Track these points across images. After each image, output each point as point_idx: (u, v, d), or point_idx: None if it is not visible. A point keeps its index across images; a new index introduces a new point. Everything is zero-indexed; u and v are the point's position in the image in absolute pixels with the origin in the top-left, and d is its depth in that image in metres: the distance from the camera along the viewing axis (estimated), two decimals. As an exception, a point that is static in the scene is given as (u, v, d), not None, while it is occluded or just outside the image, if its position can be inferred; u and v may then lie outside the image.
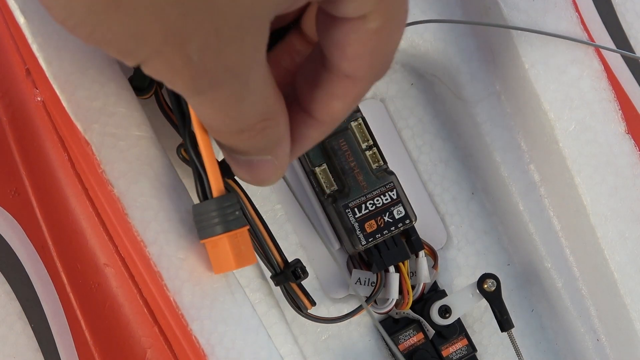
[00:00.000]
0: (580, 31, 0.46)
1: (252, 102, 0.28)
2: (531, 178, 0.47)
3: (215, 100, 0.28)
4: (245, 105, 0.28)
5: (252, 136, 0.30)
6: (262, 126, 0.29)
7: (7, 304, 0.44)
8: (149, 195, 0.40)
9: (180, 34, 0.25)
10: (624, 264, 0.45)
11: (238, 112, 0.28)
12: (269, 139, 0.30)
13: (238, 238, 0.38)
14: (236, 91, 0.27)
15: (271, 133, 0.30)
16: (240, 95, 0.27)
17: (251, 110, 0.28)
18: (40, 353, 0.44)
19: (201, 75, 0.26)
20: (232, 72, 0.26)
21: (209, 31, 0.25)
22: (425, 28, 0.47)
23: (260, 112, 0.29)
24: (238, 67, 0.26)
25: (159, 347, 0.40)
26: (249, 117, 0.29)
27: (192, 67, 0.26)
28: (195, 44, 0.25)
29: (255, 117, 0.29)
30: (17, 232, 0.43)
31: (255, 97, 0.28)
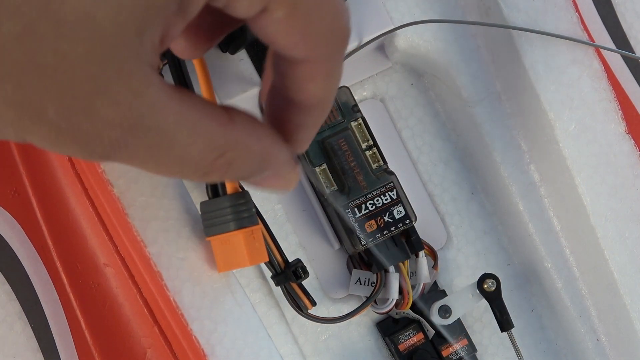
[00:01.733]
0: (580, 31, 0.46)
1: (184, 146, 0.26)
2: (531, 178, 0.47)
3: (134, 158, 0.25)
4: (175, 154, 0.26)
5: (223, 172, 0.27)
6: (224, 162, 0.27)
7: (7, 304, 0.44)
8: (149, 195, 0.40)
9: (30, 106, 0.23)
10: (624, 264, 0.45)
11: (175, 162, 0.26)
12: (247, 167, 0.28)
13: (253, 235, 0.38)
14: (149, 142, 0.25)
15: (242, 163, 0.28)
16: (158, 143, 0.25)
17: (190, 154, 0.26)
18: (40, 353, 0.44)
19: (84, 139, 0.24)
20: (121, 126, 0.24)
21: (57, 93, 0.23)
22: (425, 28, 0.47)
23: (205, 151, 0.26)
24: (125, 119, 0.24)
25: (159, 347, 0.40)
26: (196, 162, 0.26)
27: (65, 134, 0.24)
28: (52, 110, 0.23)
29: (205, 158, 0.26)
30: (17, 232, 0.43)
31: (183, 140, 0.26)
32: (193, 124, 0.26)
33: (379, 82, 0.50)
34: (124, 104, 0.24)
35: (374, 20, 0.46)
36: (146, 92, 0.24)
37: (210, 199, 0.39)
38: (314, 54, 0.28)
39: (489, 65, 0.48)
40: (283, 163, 0.30)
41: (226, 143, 0.27)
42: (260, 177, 0.29)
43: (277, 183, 0.30)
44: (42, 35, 0.22)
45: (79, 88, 0.23)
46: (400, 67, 0.50)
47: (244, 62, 0.45)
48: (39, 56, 0.23)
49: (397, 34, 0.47)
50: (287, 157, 0.30)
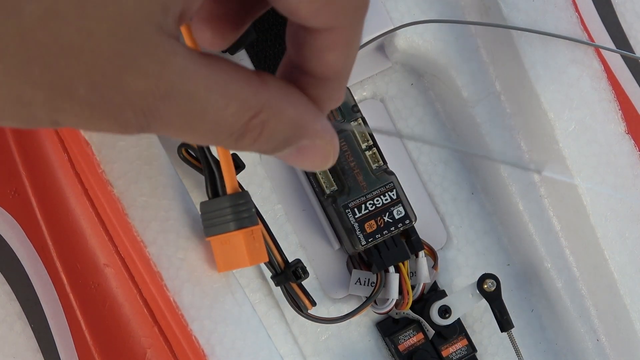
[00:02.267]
0: (580, 31, 0.46)
1: (217, 110, 0.26)
2: (531, 178, 0.47)
3: (170, 126, 0.26)
4: (209, 118, 0.26)
5: (257, 134, 0.27)
6: (258, 122, 0.27)
7: (7, 304, 0.44)
8: (148, 195, 0.40)
9: (60, 85, 0.24)
10: (624, 264, 0.45)
11: (209, 127, 0.26)
12: (281, 131, 0.28)
13: (253, 235, 0.38)
14: (182, 109, 0.25)
15: (276, 125, 0.28)
16: (191, 109, 0.26)
17: (224, 117, 0.26)
18: (40, 353, 0.44)
19: (118, 112, 0.24)
20: (153, 95, 0.25)
21: (86, 71, 0.24)
22: (425, 28, 0.47)
23: (238, 112, 0.27)
24: (156, 88, 0.25)
25: (159, 347, 0.40)
26: (230, 124, 0.27)
27: (98, 109, 0.24)
28: (82, 88, 0.24)
29: (239, 119, 0.27)
30: (17, 232, 0.43)
31: (215, 102, 0.26)
32: (224, 87, 0.26)
33: (379, 82, 0.50)
34: (153, 75, 0.24)
35: (373, 20, 0.46)
36: (174, 61, 0.25)
37: (210, 199, 0.39)
38: (335, 22, 0.27)
39: (489, 65, 0.48)
40: (320, 131, 0.29)
41: (259, 104, 0.27)
42: (296, 147, 0.29)
43: (315, 155, 0.29)
44: (65, 15, 0.23)
45: (106, 64, 0.24)
46: (400, 67, 0.50)
47: (244, 62, 0.45)
48: (64, 36, 0.23)
49: (397, 34, 0.47)
50: (324, 125, 0.29)
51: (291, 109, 0.28)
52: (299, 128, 0.28)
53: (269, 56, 0.45)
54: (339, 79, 0.30)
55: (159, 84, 0.25)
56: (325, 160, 0.30)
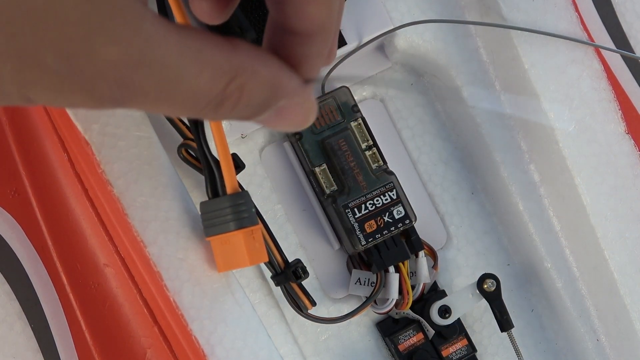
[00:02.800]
0: (580, 31, 0.46)
1: (192, 77, 0.25)
2: (531, 178, 0.47)
3: (145, 98, 0.25)
4: (185, 87, 0.25)
5: (236, 100, 0.26)
6: (235, 87, 0.26)
7: (7, 304, 0.44)
8: (148, 195, 0.40)
9: (27, 55, 0.23)
10: (624, 264, 0.45)
11: (187, 95, 0.25)
12: (259, 93, 0.27)
13: (253, 235, 0.38)
14: (156, 78, 0.25)
15: (253, 87, 0.27)
16: (165, 78, 0.25)
17: (199, 84, 0.25)
18: (40, 353, 0.44)
19: (90, 84, 0.24)
20: (125, 64, 0.24)
21: (53, 37, 0.23)
22: (425, 28, 0.47)
23: (214, 78, 0.26)
24: (128, 56, 0.24)
25: (159, 347, 0.40)
26: (207, 91, 0.26)
27: (69, 80, 0.23)
28: (50, 56, 0.23)
29: (215, 85, 0.26)
30: (17, 232, 0.43)
31: (188, 69, 0.25)
32: (197, 53, 0.25)
33: (379, 82, 0.50)
34: (123, 41, 0.23)
35: (373, 20, 0.46)
36: (143, 26, 0.24)
37: (210, 199, 0.39)
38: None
39: (489, 65, 0.48)
40: (296, 88, 0.28)
41: (233, 68, 0.26)
42: (275, 109, 0.28)
43: (294, 114, 0.29)
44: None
45: (74, 29, 0.23)
46: (400, 67, 0.50)
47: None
48: (28, 0, 0.22)
49: (397, 34, 0.47)
50: (298, 82, 0.29)
51: (265, 71, 0.27)
52: (275, 88, 0.28)
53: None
54: (325, 32, 0.29)
55: (131, 52, 0.24)
56: (305, 118, 0.29)
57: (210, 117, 0.27)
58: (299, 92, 0.29)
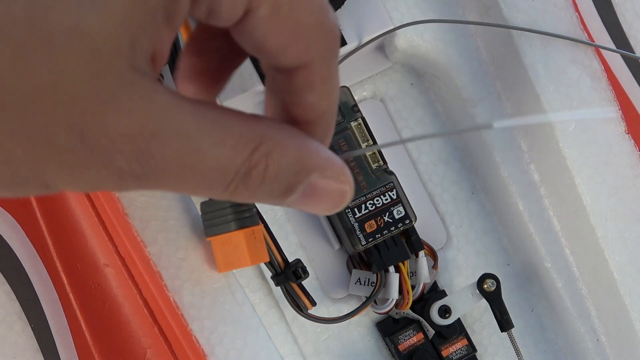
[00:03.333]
0: (580, 31, 0.46)
1: (214, 146, 0.24)
2: (531, 178, 0.47)
3: (168, 173, 0.24)
4: (208, 157, 0.24)
5: (264, 174, 0.25)
6: (261, 155, 0.25)
7: (7, 304, 0.44)
8: (148, 195, 0.40)
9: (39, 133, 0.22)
10: (624, 264, 0.45)
11: (211, 167, 0.24)
12: (288, 162, 0.26)
13: (254, 235, 0.38)
14: (176, 149, 0.23)
15: (281, 156, 0.25)
16: (186, 148, 0.24)
17: (223, 153, 0.24)
18: (40, 353, 0.44)
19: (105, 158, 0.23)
20: (142, 135, 0.23)
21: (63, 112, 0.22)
22: (425, 28, 0.47)
23: (237, 145, 0.24)
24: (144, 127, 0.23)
25: (159, 347, 0.40)
26: (232, 160, 0.24)
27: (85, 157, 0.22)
28: (63, 133, 0.22)
29: (240, 152, 0.25)
30: (17, 232, 0.43)
31: (208, 138, 0.24)
32: (216, 122, 0.24)
33: (379, 82, 0.50)
34: (137, 112, 0.23)
35: (373, 20, 0.46)
36: (156, 97, 0.23)
37: (211, 199, 0.39)
38: (307, 56, 0.26)
39: (489, 65, 0.48)
40: (327, 160, 0.27)
41: (257, 136, 0.25)
42: (308, 187, 0.26)
43: (328, 193, 0.27)
44: (34, 53, 0.21)
45: (84, 103, 0.22)
46: (400, 67, 0.50)
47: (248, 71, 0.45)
48: (35, 77, 0.21)
49: (397, 34, 0.47)
50: (330, 155, 0.27)
51: (292, 140, 0.26)
52: (304, 159, 0.26)
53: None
54: (325, 121, 0.28)
55: (146, 122, 0.23)
56: (340, 197, 0.27)
57: (242, 195, 0.25)
58: (331, 164, 0.27)
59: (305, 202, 0.27)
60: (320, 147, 0.27)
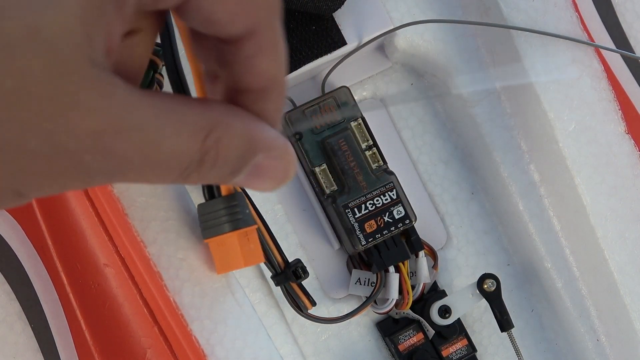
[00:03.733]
0: (580, 31, 0.46)
1: (172, 137, 0.25)
2: (531, 178, 0.47)
3: (130, 165, 0.24)
4: (167, 148, 0.25)
5: (215, 159, 0.26)
6: (212, 142, 0.26)
7: (7, 304, 0.44)
8: (148, 195, 0.40)
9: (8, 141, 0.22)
10: (624, 264, 0.45)
11: (168, 157, 0.25)
12: (236, 147, 0.27)
13: (248, 236, 0.38)
14: (138, 143, 0.24)
15: (230, 141, 0.26)
16: (147, 142, 0.24)
17: (180, 144, 0.25)
18: (40, 353, 0.44)
19: (74, 158, 0.23)
20: (105, 132, 0.23)
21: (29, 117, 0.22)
22: (425, 28, 0.47)
23: (192, 136, 0.25)
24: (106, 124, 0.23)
25: (159, 347, 0.40)
26: (187, 149, 0.25)
27: (55, 161, 0.23)
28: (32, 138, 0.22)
29: (194, 141, 0.25)
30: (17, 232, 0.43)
31: (167, 130, 0.25)
32: (172, 114, 0.25)
33: (379, 82, 0.50)
34: (99, 110, 0.23)
35: (373, 20, 0.46)
36: (116, 93, 0.23)
37: (207, 200, 0.39)
38: (254, 23, 0.27)
39: (489, 65, 0.48)
40: (272, 140, 0.28)
41: (209, 123, 0.26)
42: (253, 167, 0.28)
43: (273, 170, 0.28)
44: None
45: (50, 105, 0.22)
46: (400, 67, 0.50)
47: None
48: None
49: (397, 34, 0.47)
50: (274, 134, 0.28)
51: (239, 123, 0.27)
52: (251, 141, 0.27)
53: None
54: (277, 86, 0.29)
55: (110, 119, 0.23)
56: (284, 174, 0.29)
57: (194, 180, 0.26)
58: (276, 145, 0.28)
59: (250, 181, 0.28)
60: (265, 128, 0.28)
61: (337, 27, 0.46)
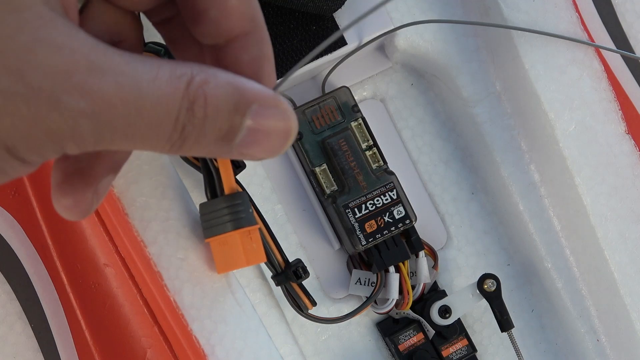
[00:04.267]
0: (580, 31, 0.46)
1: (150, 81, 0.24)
2: (531, 178, 0.48)
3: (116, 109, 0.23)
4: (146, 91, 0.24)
5: (205, 106, 0.25)
6: (197, 85, 0.25)
7: (7, 304, 0.44)
8: (148, 195, 0.40)
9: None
10: (624, 264, 0.45)
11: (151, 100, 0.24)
12: (226, 93, 0.25)
13: (250, 235, 0.38)
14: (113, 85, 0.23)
15: (219, 85, 0.25)
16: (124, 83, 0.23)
17: (160, 86, 0.24)
18: (40, 353, 0.44)
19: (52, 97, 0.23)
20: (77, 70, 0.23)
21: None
22: (425, 28, 0.47)
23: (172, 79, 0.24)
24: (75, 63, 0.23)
25: (159, 347, 0.40)
26: (170, 93, 0.24)
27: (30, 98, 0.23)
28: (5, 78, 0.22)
29: (176, 85, 0.24)
30: (17, 232, 0.43)
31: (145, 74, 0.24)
32: (144, 61, 0.24)
33: (379, 82, 0.50)
34: (64, 48, 0.23)
35: (374, 20, 0.46)
36: (79, 35, 0.23)
37: (209, 200, 0.39)
38: None
39: (489, 65, 0.48)
40: (264, 92, 0.26)
41: (188, 69, 0.25)
42: (252, 127, 0.26)
43: (274, 129, 0.26)
44: None
45: (12, 42, 0.22)
46: (400, 67, 0.50)
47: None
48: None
49: (397, 34, 0.47)
50: (264, 87, 0.26)
51: (222, 73, 0.26)
52: (239, 90, 0.25)
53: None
54: (258, 27, 0.27)
55: (78, 58, 0.23)
56: (286, 131, 0.27)
57: (192, 139, 0.25)
58: (270, 97, 0.26)
59: (249, 147, 0.26)
60: (252, 82, 0.26)
61: (337, 27, 0.46)
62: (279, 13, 0.45)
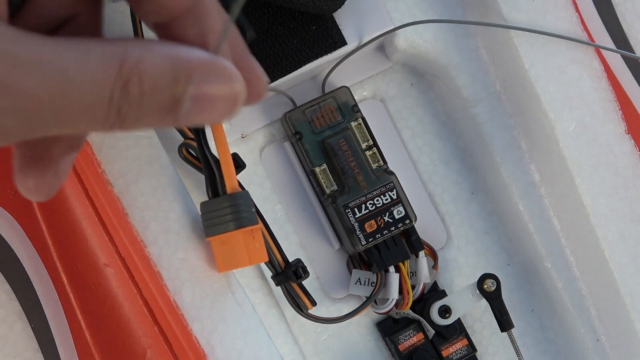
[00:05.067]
0: (580, 31, 0.46)
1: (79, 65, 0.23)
2: (531, 178, 0.47)
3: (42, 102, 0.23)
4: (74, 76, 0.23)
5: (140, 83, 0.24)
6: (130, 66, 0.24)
7: (7, 304, 0.44)
8: (148, 195, 0.40)
9: None
10: (624, 264, 0.45)
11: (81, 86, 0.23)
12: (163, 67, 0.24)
13: (253, 234, 0.38)
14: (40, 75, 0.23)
15: (153, 61, 0.24)
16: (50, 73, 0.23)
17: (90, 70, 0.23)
18: (40, 353, 0.44)
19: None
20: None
21: None
22: (425, 28, 0.47)
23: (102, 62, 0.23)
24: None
25: (159, 347, 0.40)
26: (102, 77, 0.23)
27: None
28: None
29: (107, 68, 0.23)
30: (17, 232, 0.43)
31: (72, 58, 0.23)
32: (72, 47, 0.23)
33: (379, 82, 0.50)
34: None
35: (374, 20, 0.46)
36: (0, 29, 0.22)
37: (210, 199, 0.39)
38: None
39: (489, 65, 0.48)
40: (207, 60, 0.25)
41: (120, 50, 0.24)
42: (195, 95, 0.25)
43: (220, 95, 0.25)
44: None
45: None
46: (400, 67, 0.50)
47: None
48: None
49: (397, 34, 0.47)
50: (207, 54, 0.25)
51: (158, 47, 0.24)
52: (177, 61, 0.24)
53: (269, 56, 0.45)
54: (198, 2, 0.26)
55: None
56: (233, 96, 0.26)
57: (132, 118, 0.24)
58: (209, 62, 0.25)
59: (198, 114, 0.25)
60: (193, 49, 0.25)
61: (337, 27, 0.46)
62: (278, 13, 0.45)
